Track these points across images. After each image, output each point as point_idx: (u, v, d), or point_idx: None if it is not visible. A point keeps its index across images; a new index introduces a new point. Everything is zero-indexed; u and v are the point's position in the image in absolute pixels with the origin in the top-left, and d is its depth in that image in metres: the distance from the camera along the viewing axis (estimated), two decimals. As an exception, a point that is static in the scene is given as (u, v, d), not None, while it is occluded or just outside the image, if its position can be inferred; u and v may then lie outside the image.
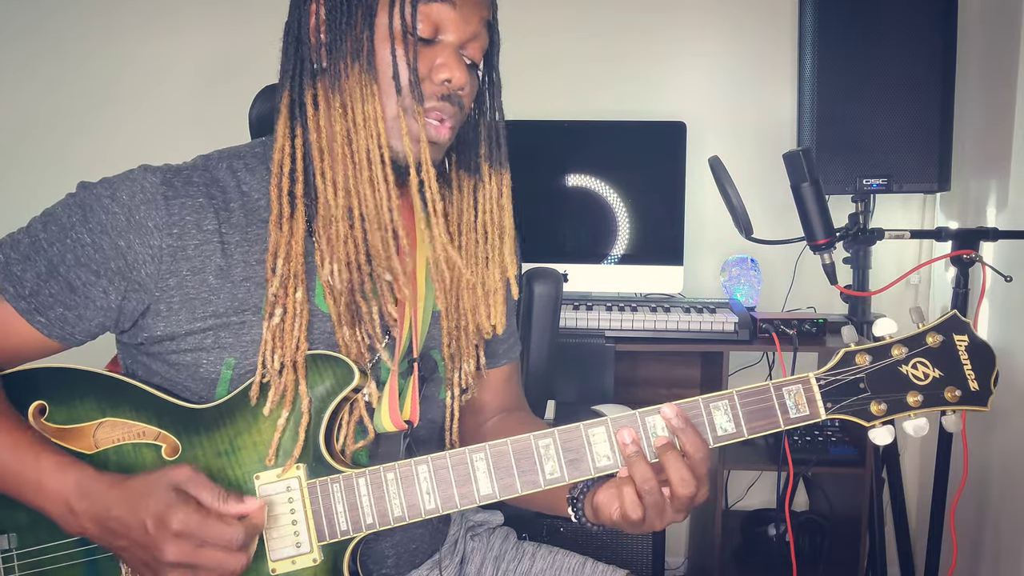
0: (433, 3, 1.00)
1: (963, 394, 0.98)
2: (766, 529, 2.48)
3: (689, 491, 0.95)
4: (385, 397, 1.09)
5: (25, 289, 1.00)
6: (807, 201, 1.77)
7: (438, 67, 1.01)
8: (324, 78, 1.02)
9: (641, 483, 0.95)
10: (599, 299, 2.41)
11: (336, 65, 1.00)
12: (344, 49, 1.00)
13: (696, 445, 0.96)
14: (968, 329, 0.99)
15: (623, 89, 2.65)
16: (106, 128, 2.67)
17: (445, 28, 1.02)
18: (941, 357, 0.98)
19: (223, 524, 0.93)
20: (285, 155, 1.03)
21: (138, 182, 1.00)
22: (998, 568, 2.18)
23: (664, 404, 0.98)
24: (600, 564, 1.26)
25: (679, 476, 0.95)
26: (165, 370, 1.05)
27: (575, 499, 1.07)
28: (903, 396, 0.98)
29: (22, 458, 0.98)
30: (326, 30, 1.01)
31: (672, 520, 0.98)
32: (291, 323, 1.02)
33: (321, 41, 1.02)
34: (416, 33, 1.00)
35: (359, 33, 0.99)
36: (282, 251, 1.02)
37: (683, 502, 0.96)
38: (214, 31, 2.66)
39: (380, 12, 1.00)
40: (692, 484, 0.95)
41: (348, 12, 1.00)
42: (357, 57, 0.99)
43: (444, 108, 1.03)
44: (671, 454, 0.96)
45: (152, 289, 1.00)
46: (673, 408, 0.97)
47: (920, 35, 2.20)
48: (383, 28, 1.00)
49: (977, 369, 0.98)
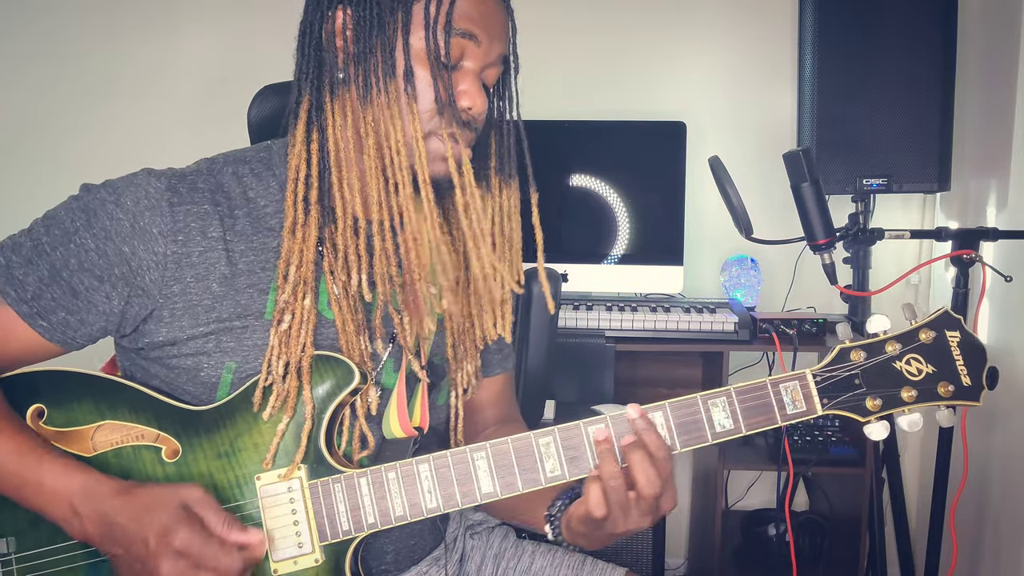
0: (459, 37, 1.01)
1: (956, 389, 1.00)
2: (766, 529, 2.48)
3: (654, 490, 0.95)
4: (394, 404, 1.09)
5: (27, 293, 1.00)
6: (807, 201, 1.77)
7: (460, 94, 1.02)
8: (351, 88, 1.01)
9: (608, 479, 0.96)
10: (599, 299, 2.41)
11: (367, 78, 1.00)
12: (375, 62, 1.00)
13: (658, 445, 0.97)
14: (959, 325, 1.00)
15: (623, 89, 2.65)
16: (105, 128, 2.67)
17: (468, 56, 1.03)
18: (934, 353, 1.00)
19: (223, 551, 0.94)
20: (302, 161, 1.03)
21: (142, 187, 1.00)
22: (998, 568, 2.18)
23: (629, 405, 0.99)
24: (600, 562, 1.26)
25: (645, 477, 0.95)
26: (164, 374, 1.05)
27: (552, 516, 1.08)
28: (898, 391, 0.99)
29: (24, 460, 0.98)
30: (353, 39, 1.01)
31: (637, 525, 0.97)
32: (298, 329, 1.02)
33: (348, 50, 1.02)
34: (449, 60, 1.00)
35: (392, 50, 1.00)
36: (295, 258, 1.02)
37: (649, 503, 0.96)
38: (213, 31, 2.66)
39: (414, 33, 1.00)
40: (658, 484, 0.95)
41: (380, 27, 0.99)
42: (392, 74, 0.99)
43: (463, 134, 1.03)
44: (638, 454, 0.96)
45: (155, 295, 1.00)
46: (637, 409, 0.99)
47: (920, 35, 2.20)
48: (416, 49, 1.00)
49: (969, 364, 1.00)
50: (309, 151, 1.03)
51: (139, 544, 0.93)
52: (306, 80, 1.04)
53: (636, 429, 0.98)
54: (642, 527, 0.98)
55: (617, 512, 0.96)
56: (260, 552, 0.98)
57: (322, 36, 1.03)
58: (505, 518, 1.29)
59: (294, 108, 1.05)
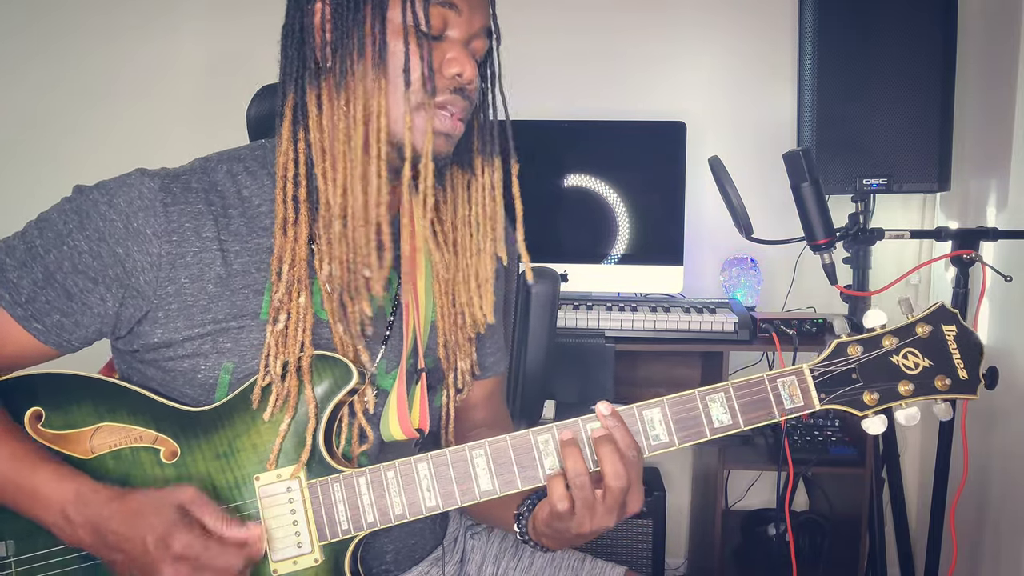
0: (440, 6, 1.00)
1: (952, 383, 1.00)
2: (766, 529, 2.48)
3: (621, 484, 0.95)
4: (393, 406, 1.09)
5: (22, 296, 0.99)
6: (807, 201, 1.76)
7: (448, 61, 1.01)
8: (329, 77, 1.01)
9: (573, 476, 0.95)
10: (599, 299, 2.41)
11: (343, 62, 0.99)
12: (351, 46, 0.99)
13: (628, 443, 0.96)
14: (956, 319, 1.00)
15: (623, 89, 2.65)
16: (104, 128, 2.67)
17: (451, 25, 1.02)
18: (930, 347, 1.00)
19: (224, 550, 0.93)
20: (289, 159, 1.03)
21: (136, 188, 0.99)
22: (998, 568, 2.18)
23: (600, 403, 0.99)
24: (599, 561, 1.26)
25: (613, 469, 0.95)
26: (161, 376, 1.05)
27: (520, 515, 1.07)
28: (895, 385, 0.99)
29: (19, 467, 0.97)
30: (331, 27, 1.00)
31: (602, 523, 0.97)
32: (295, 328, 1.01)
33: (326, 40, 1.01)
34: (429, 29, 0.99)
35: (369, 29, 0.99)
36: (287, 256, 1.01)
37: (615, 497, 0.95)
38: (212, 30, 2.66)
39: (391, 8, 0.99)
40: (624, 478, 0.95)
41: (356, 8, 0.99)
42: (365, 53, 0.98)
43: (455, 101, 1.03)
44: (607, 447, 0.96)
45: (150, 296, 1.00)
46: (608, 407, 0.98)
47: (920, 35, 2.20)
48: (395, 24, 0.99)
49: (966, 358, 1.00)
50: (296, 149, 1.03)
51: (137, 548, 0.93)
52: (290, 80, 1.03)
53: (606, 426, 0.98)
54: (608, 527, 0.97)
55: (583, 511, 0.96)
56: (260, 547, 0.98)
57: (303, 32, 1.02)
58: (481, 519, 1.30)
59: (280, 109, 1.04)
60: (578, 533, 0.98)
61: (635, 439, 0.98)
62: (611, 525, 0.98)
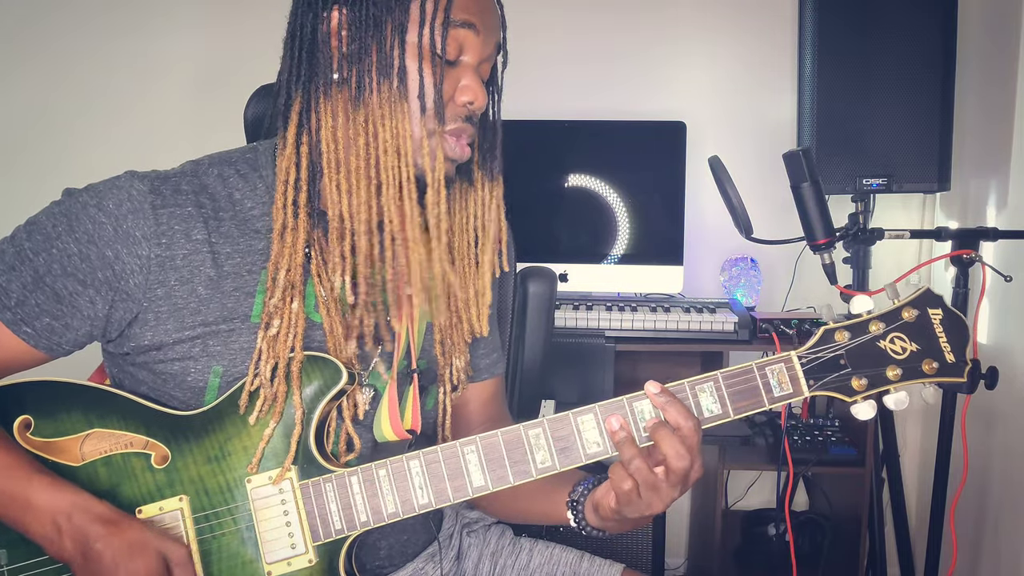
0: (460, 28, 1.01)
1: (940, 366, 0.99)
2: (766, 529, 2.48)
3: (684, 463, 0.95)
4: (385, 407, 1.09)
5: (11, 300, 0.99)
6: (807, 201, 1.76)
7: (462, 88, 1.02)
8: (344, 89, 1.01)
9: (628, 462, 0.95)
10: (599, 299, 2.41)
11: (361, 78, 0.99)
12: (369, 62, 0.99)
13: (683, 415, 0.96)
14: (941, 302, 1.00)
15: (623, 89, 2.65)
16: (103, 128, 2.67)
17: (467, 50, 1.03)
18: (917, 331, 1.00)
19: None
20: (291, 164, 1.02)
21: (125, 190, 0.99)
22: (998, 568, 2.17)
23: (648, 382, 0.98)
24: (597, 559, 1.26)
25: (674, 450, 0.94)
26: (152, 379, 1.05)
27: (575, 502, 1.07)
28: (883, 370, 0.99)
29: (13, 476, 0.97)
30: (348, 39, 1.00)
31: (669, 497, 0.96)
32: (286, 333, 1.01)
33: (342, 51, 1.01)
34: (444, 55, 1.00)
35: (388, 49, 0.99)
36: (284, 262, 1.02)
37: (679, 475, 0.95)
38: (209, 31, 2.66)
39: (411, 30, 0.99)
40: (687, 457, 0.95)
41: (377, 26, 0.99)
42: (386, 73, 0.99)
43: (465, 129, 1.04)
44: (662, 431, 0.96)
45: (140, 299, 1.00)
46: (656, 385, 0.98)
47: (920, 35, 2.19)
48: (413, 47, 0.99)
49: (952, 341, 1.00)
50: (299, 154, 1.03)
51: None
52: (297, 82, 1.03)
53: (657, 405, 0.97)
54: (674, 499, 0.97)
55: (647, 492, 0.96)
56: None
57: (315, 38, 1.02)
58: (509, 518, 1.29)
59: (283, 111, 1.04)
60: (645, 513, 0.98)
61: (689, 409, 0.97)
62: (677, 496, 0.98)
